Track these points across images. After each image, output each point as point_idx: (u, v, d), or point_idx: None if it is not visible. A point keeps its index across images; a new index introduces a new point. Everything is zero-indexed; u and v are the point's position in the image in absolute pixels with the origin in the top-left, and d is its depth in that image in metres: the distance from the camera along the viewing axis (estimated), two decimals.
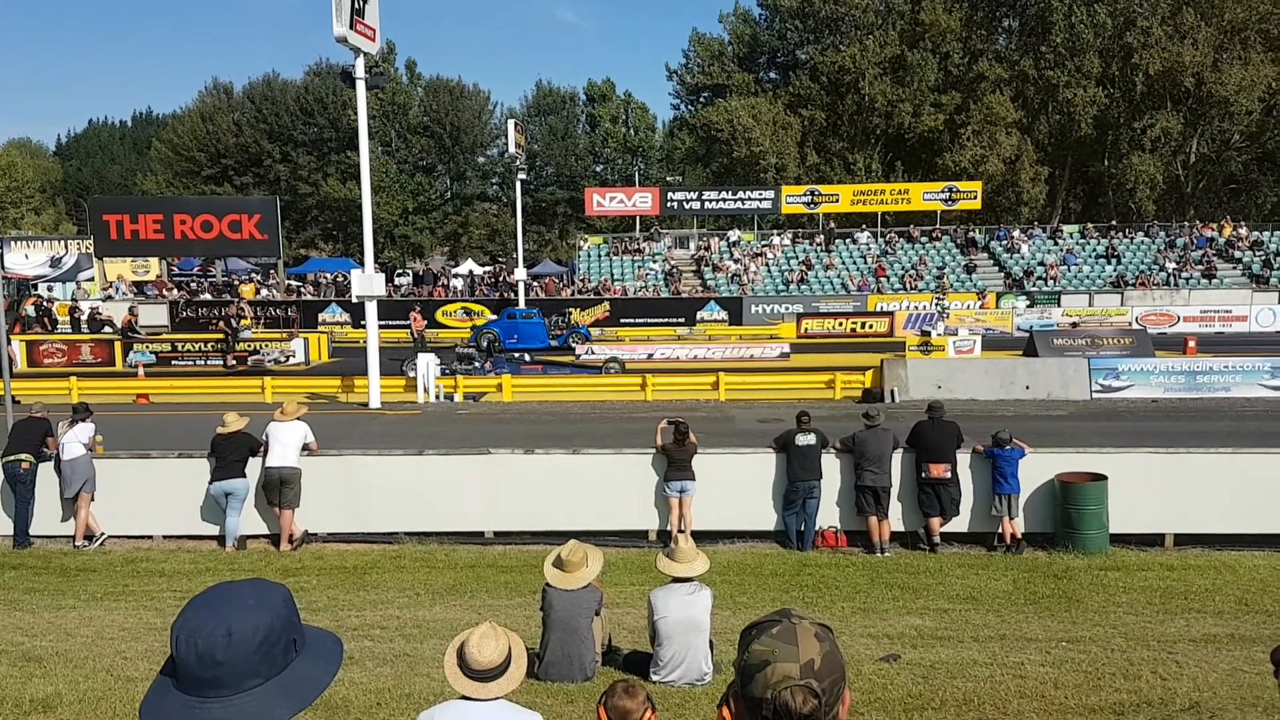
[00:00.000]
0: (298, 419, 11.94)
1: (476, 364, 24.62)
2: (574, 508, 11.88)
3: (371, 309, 21.61)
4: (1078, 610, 9.23)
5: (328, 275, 50.33)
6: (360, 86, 20.59)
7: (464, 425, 19.80)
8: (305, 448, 11.84)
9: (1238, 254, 45.18)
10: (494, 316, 36.86)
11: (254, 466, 11.78)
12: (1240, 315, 38.55)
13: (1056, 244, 47.27)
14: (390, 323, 34.86)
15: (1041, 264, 45.11)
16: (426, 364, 22.71)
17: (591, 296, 43.39)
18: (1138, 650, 7.83)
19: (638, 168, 72.94)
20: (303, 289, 48.44)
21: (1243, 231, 46.89)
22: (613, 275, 46.37)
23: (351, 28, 19.42)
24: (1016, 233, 48.28)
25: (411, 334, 31.43)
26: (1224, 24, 51.40)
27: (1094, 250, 46.44)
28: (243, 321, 34.14)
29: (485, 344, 27.74)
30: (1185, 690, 6.82)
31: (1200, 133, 54.34)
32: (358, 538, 12.01)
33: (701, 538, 10.25)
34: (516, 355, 26.60)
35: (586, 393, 23.42)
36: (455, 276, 52.31)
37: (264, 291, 46.28)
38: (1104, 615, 9.04)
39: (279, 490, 11.62)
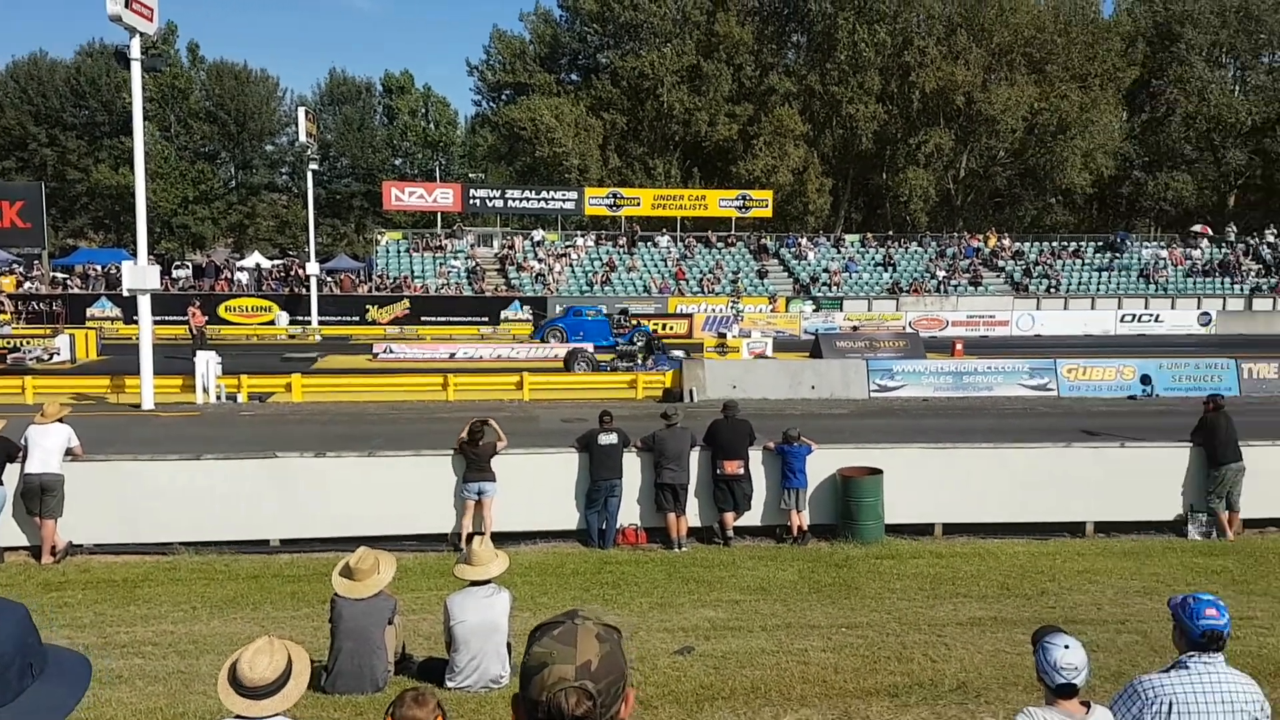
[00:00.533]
0: (60, 421, 11.09)
1: (638, 361, 25.34)
2: (369, 512, 11.49)
3: (145, 303, 20.32)
4: (856, 597, 9.72)
5: (98, 267, 46.87)
6: (135, 68, 19.34)
7: (249, 427, 18.86)
8: (69, 452, 11.00)
9: (1001, 263, 48.93)
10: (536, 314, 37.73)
11: (12, 473, 10.83)
12: (1003, 320, 41.91)
13: (839, 252, 49.69)
14: (166, 318, 33.02)
15: (826, 270, 47.34)
16: (206, 362, 21.52)
17: (390, 294, 42.26)
18: (910, 634, 8.33)
19: (439, 163, 71.52)
20: (69, 281, 44.86)
21: (1006, 242, 50.82)
22: (413, 272, 45.30)
23: (127, 7, 18.32)
24: (804, 240, 50.48)
25: (190, 330, 29.62)
26: (992, 46, 55.39)
27: (873, 258, 49.16)
28: (1, 316, 31.27)
29: (646, 341, 27.93)
30: (953, 671, 7.30)
31: (969, 149, 58.41)
32: (128, 549, 11.23)
33: (503, 539, 10.15)
34: (675, 353, 26.44)
35: (384, 393, 22.82)
36: (241, 270, 49.71)
37: (26, 284, 42.69)
38: (880, 601, 9.56)
39: (39, 498, 10.73)
